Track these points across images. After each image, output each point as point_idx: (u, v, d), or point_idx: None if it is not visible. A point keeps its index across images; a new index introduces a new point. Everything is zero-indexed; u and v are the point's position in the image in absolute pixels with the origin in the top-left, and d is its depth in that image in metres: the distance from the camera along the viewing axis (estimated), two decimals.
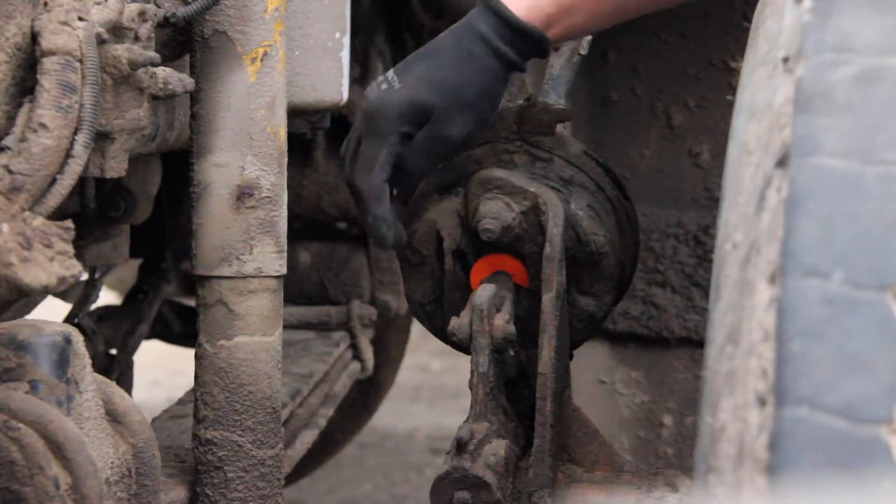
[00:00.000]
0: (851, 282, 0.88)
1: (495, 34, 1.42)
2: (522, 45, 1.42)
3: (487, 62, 1.42)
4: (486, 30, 1.42)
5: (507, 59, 1.42)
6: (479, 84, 1.42)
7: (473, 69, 1.42)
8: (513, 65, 1.43)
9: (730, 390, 0.90)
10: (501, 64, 1.42)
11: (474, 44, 1.42)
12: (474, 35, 1.42)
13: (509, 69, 1.43)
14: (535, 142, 1.53)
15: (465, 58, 1.42)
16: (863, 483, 0.82)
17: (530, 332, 1.46)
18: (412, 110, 1.42)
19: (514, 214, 1.46)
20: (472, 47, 1.42)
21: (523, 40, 1.42)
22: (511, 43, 1.42)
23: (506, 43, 1.42)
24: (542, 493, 1.41)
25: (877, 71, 0.96)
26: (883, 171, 0.92)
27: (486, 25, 1.42)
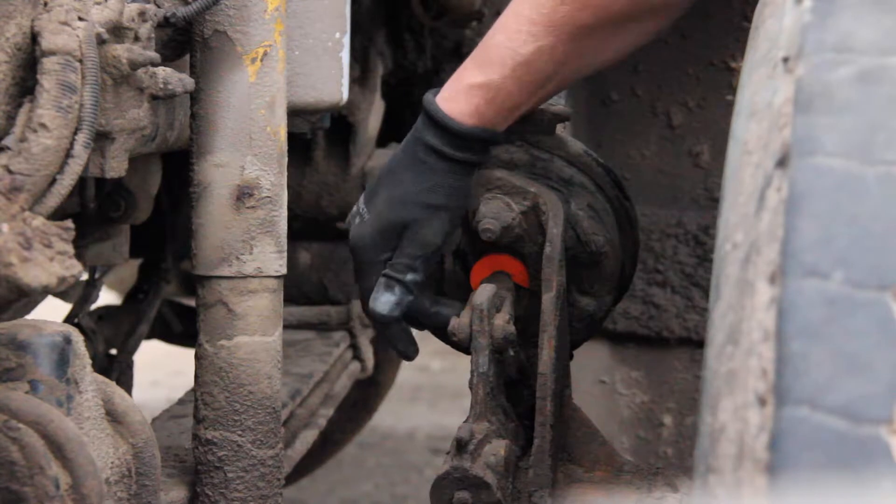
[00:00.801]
0: (851, 282, 0.88)
1: (444, 144, 1.43)
2: (474, 147, 1.43)
3: (444, 169, 1.43)
4: (434, 142, 1.43)
5: (463, 162, 1.44)
6: (442, 190, 1.44)
7: (433, 179, 1.44)
8: (471, 163, 1.44)
9: (730, 390, 0.90)
10: (459, 167, 1.44)
11: (427, 156, 1.44)
12: (425, 148, 1.44)
13: (468, 169, 1.45)
14: (535, 142, 1.53)
15: (422, 171, 1.44)
16: (863, 483, 0.82)
17: (530, 332, 1.46)
18: (384, 237, 1.45)
19: (514, 214, 1.46)
20: (426, 159, 1.44)
21: (473, 143, 1.43)
22: (462, 148, 1.43)
23: (456, 149, 1.43)
24: (542, 493, 1.41)
25: (877, 71, 0.96)
26: (883, 171, 0.92)
27: (433, 137, 1.43)
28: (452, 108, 1.42)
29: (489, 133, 1.43)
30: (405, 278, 1.45)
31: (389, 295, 1.45)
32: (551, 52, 1.40)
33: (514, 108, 1.44)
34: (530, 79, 1.41)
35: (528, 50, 1.39)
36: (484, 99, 1.42)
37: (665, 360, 2.03)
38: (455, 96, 1.43)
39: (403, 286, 1.45)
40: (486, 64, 1.42)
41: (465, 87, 1.42)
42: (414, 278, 1.45)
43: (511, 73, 1.40)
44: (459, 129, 1.42)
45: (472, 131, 1.42)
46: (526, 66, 1.40)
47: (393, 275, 1.45)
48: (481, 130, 1.42)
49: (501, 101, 1.42)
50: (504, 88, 1.41)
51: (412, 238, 1.45)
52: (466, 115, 1.42)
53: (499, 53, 1.41)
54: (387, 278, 1.45)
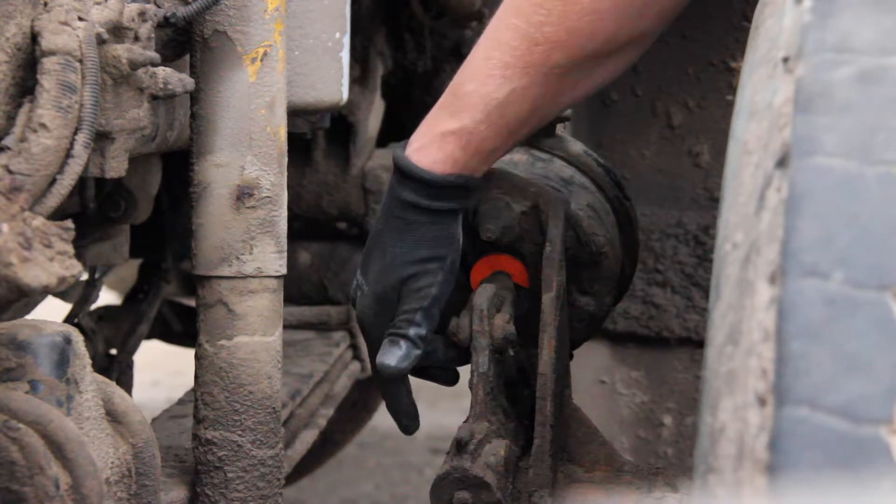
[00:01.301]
0: (851, 282, 0.88)
1: (421, 196, 1.39)
2: (452, 195, 1.40)
3: (424, 221, 1.41)
4: (411, 196, 1.40)
5: (445, 211, 1.41)
6: (427, 241, 1.41)
7: (415, 234, 1.41)
8: (453, 211, 1.41)
9: (730, 390, 0.90)
10: (440, 216, 1.41)
11: (405, 212, 1.41)
12: (402, 205, 1.40)
13: (452, 217, 1.42)
14: (535, 142, 1.53)
15: (405, 229, 1.41)
16: (863, 483, 0.82)
17: (530, 332, 1.46)
18: (384, 306, 1.44)
19: (514, 214, 1.46)
20: (405, 216, 1.41)
21: (450, 191, 1.40)
22: (439, 198, 1.40)
23: (434, 199, 1.39)
24: (542, 493, 1.41)
25: (877, 71, 0.96)
26: (883, 171, 0.92)
27: (408, 192, 1.40)
28: (424, 158, 1.39)
29: (465, 179, 1.39)
30: (408, 333, 1.42)
31: (395, 349, 1.42)
32: (525, 94, 1.36)
33: (491, 153, 1.40)
34: (505, 122, 1.37)
35: (502, 93, 1.36)
36: (458, 146, 1.38)
37: (665, 360, 2.03)
38: (427, 146, 1.39)
39: (408, 340, 1.42)
40: (459, 111, 1.38)
41: (438, 136, 1.39)
42: (417, 332, 1.42)
43: (485, 118, 1.37)
44: (434, 179, 1.38)
45: (447, 179, 1.38)
46: (500, 110, 1.36)
47: (396, 331, 1.43)
48: (456, 177, 1.39)
49: (476, 147, 1.38)
50: (478, 133, 1.37)
51: (408, 294, 1.42)
52: (440, 163, 1.38)
53: (471, 99, 1.37)
54: (390, 335, 1.43)
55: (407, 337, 1.42)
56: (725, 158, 1.08)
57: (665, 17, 1.39)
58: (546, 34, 1.34)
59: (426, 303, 1.42)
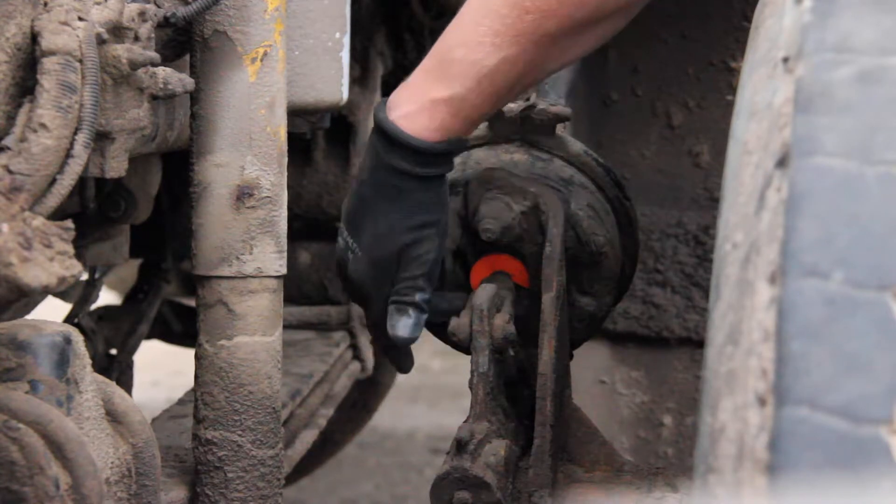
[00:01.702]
0: (851, 282, 0.88)
1: (414, 164, 1.40)
2: (444, 160, 1.42)
3: (416, 188, 1.42)
4: (401, 164, 1.40)
5: (433, 176, 1.42)
6: (423, 206, 1.42)
7: (409, 201, 1.42)
8: (443, 175, 1.43)
9: (730, 390, 0.90)
10: (430, 181, 1.42)
11: (398, 180, 1.41)
12: (393, 172, 1.41)
13: (442, 180, 1.44)
14: (535, 142, 1.53)
15: (398, 196, 1.42)
16: (863, 483, 0.82)
17: (530, 332, 1.46)
18: (381, 270, 1.45)
19: (514, 214, 1.46)
20: (397, 183, 1.41)
21: (443, 157, 1.41)
22: (432, 164, 1.41)
23: (428, 167, 1.41)
24: (542, 493, 1.41)
25: (877, 71, 0.96)
26: (883, 171, 0.92)
27: (399, 160, 1.40)
28: (414, 125, 1.39)
29: (454, 144, 1.41)
30: (415, 299, 1.44)
31: (406, 318, 1.44)
32: (515, 62, 1.37)
33: (479, 118, 1.42)
34: (494, 90, 1.38)
35: (492, 61, 1.37)
36: (449, 113, 1.39)
37: (665, 360, 2.04)
38: (417, 113, 1.39)
39: (416, 307, 1.44)
40: (449, 78, 1.38)
41: (428, 103, 1.39)
42: (423, 297, 1.44)
43: (476, 86, 1.37)
44: (426, 147, 1.39)
45: (438, 147, 1.40)
46: (490, 78, 1.37)
47: (402, 299, 1.44)
48: (447, 144, 1.40)
49: (467, 114, 1.39)
50: (469, 101, 1.38)
51: (408, 262, 1.44)
52: (431, 130, 1.39)
53: (461, 66, 1.38)
54: (396, 304, 1.44)
55: (414, 304, 1.44)
56: (725, 158, 1.08)
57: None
58: (536, 3, 1.35)
59: (427, 268, 1.44)
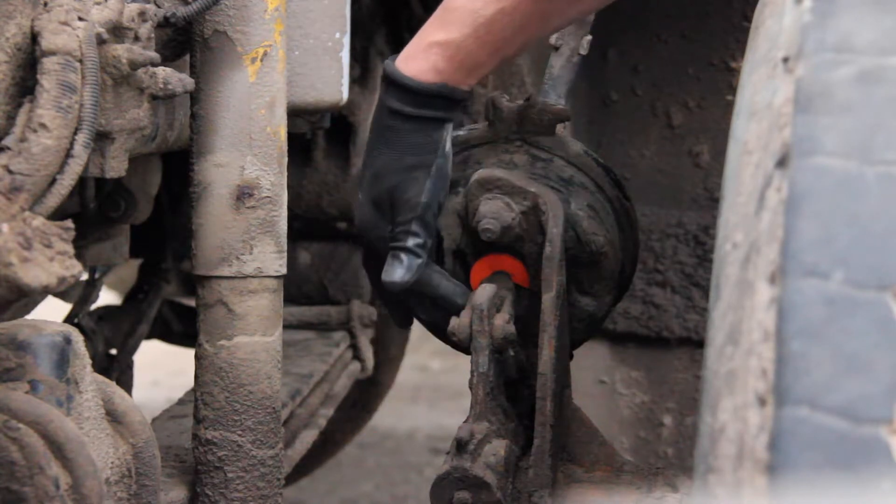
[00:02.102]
0: (851, 282, 0.88)
1: (405, 104, 1.43)
2: (436, 104, 1.43)
3: (410, 129, 1.44)
4: (395, 104, 1.43)
5: (427, 119, 1.44)
6: (413, 148, 1.44)
7: (403, 142, 1.44)
8: (437, 120, 1.44)
9: (730, 390, 0.90)
10: (424, 125, 1.44)
11: (392, 120, 1.44)
12: (389, 113, 1.44)
13: (436, 125, 1.45)
14: (535, 142, 1.53)
15: (389, 136, 1.45)
16: (863, 483, 0.82)
17: (530, 332, 1.46)
18: (378, 211, 1.47)
19: (514, 214, 1.46)
20: (391, 123, 1.44)
21: (434, 100, 1.43)
22: (423, 105, 1.43)
23: (418, 107, 1.43)
24: (542, 493, 1.41)
25: (877, 71, 0.96)
26: (883, 171, 0.92)
27: (394, 100, 1.44)
28: (411, 66, 1.43)
29: (449, 90, 1.43)
30: (407, 244, 1.45)
31: (398, 264, 1.46)
32: (513, 13, 1.39)
33: (476, 68, 1.43)
34: (491, 39, 1.41)
35: (489, 11, 1.39)
36: (443, 56, 1.42)
37: (665, 360, 2.04)
38: (414, 54, 1.43)
39: (408, 252, 1.46)
40: (447, 23, 1.42)
41: (425, 45, 1.43)
42: (416, 241, 1.45)
43: (472, 33, 1.40)
44: (418, 87, 1.42)
45: (430, 87, 1.42)
46: (487, 27, 1.40)
47: (395, 245, 1.46)
48: (440, 86, 1.42)
49: (461, 60, 1.42)
50: (464, 47, 1.41)
51: (399, 203, 1.46)
52: (424, 72, 1.42)
53: (460, 14, 1.41)
54: (391, 251, 1.47)
55: (406, 249, 1.45)
56: (725, 158, 1.08)
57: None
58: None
59: (419, 211, 1.45)
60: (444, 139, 1.46)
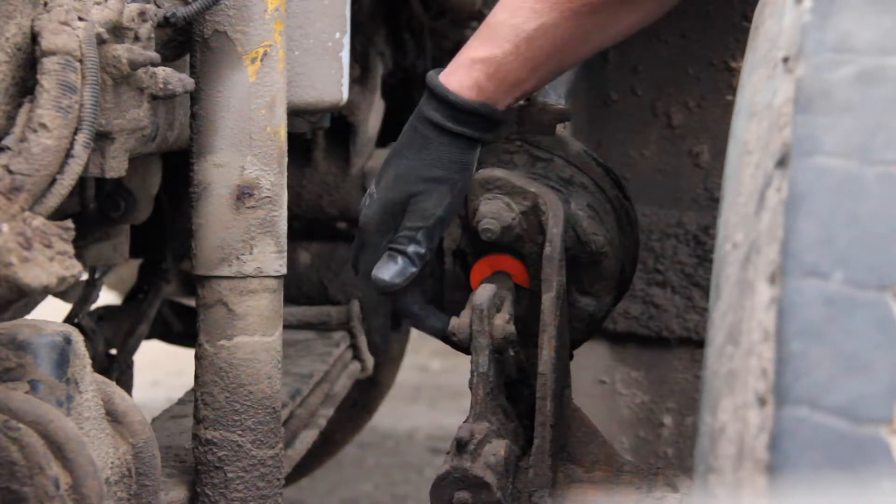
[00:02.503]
0: (851, 282, 0.88)
1: (444, 118, 1.44)
2: (474, 121, 1.44)
3: (444, 143, 1.45)
4: (435, 116, 1.45)
5: (463, 137, 1.45)
6: (442, 162, 1.45)
7: (433, 153, 1.45)
8: (472, 140, 1.45)
9: (730, 390, 0.90)
10: (458, 141, 1.45)
11: (428, 130, 1.45)
12: (426, 123, 1.46)
13: (470, 144, 1.46)
14: (535, 142, 1.53)
15: (422, 145, 1.46)
16: (863, 483, 0.82)
17: (530, 332, 1.46)
18: (389, 214, 1.47)
19: (514, 214, 1.46)
20: (427, 133, 1.45)
21: (472, 118, 1.44)
22: (461, 122, 1.44)
23: (456, 123, 1.44)
24: (542, 493, 1.41)
25: (877, 71, 0.96)
26: (883, 171, 0.92)
27: (434, 112, 1.45)
28: (452, 81, 1.44)
29: (488, 108, 1.44)
30: (407, 249, 1.46)
31: (392, 264, 1.46)
32: (554, 30, 1.41)
33: (516, 85, 1.44)
34: (532, 55, 1.42)
35: (531, 26, 1.41)
36: (485, 73, 1.43)
37: (665, 360, 2.03)
38: (456, 70, 1.45)
39: (406, 257, 1.46)
40: (489, 39, 1.43)
41: (467, 61, 1.44)
42: (416, 250, 1.46)
43: (513, 49, 1.42)
44: (458, 102, 1.43)
45: (470, 105, 1.43)
46: (528, 42, 1.41)
47: (395, 247, 1.47)
48: (480, 105, 1.44)
49: (503, 77, 1.43)
50: (506, 63, 1.42)
51: (413, 210, 1.46)
52: (466, 88, 1.43)
53: (501, 29, 1.42)
54: (390, 251, 1.47)
55: (405, 253, 1.46)
56: (725, 158, 1.08)
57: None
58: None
59: (430, 223, 1.46)
60: (473, 161, 1.47)
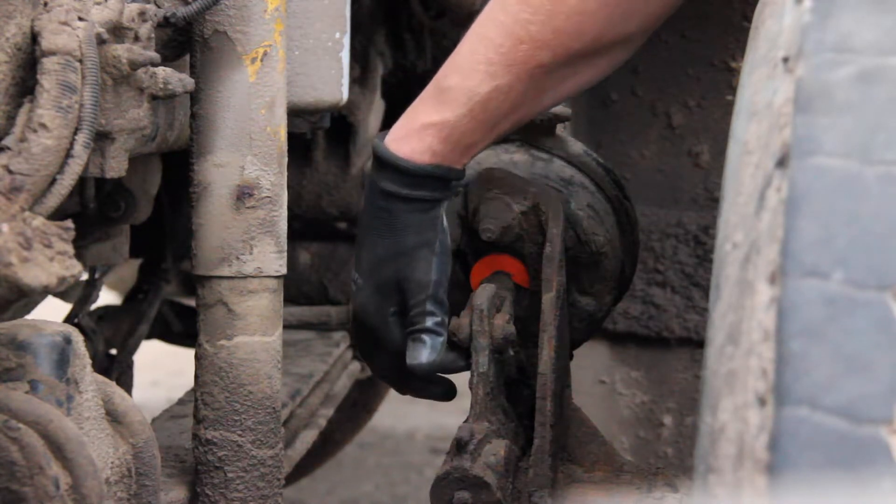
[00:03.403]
0: (851, 282, 0.88)
1: (400, 186, 1.40)
2: (432, 184, 1.41)
3: (405, 210, 1.41)
4: (390, 186, 1.41)
5: (423, 200, 1.41)
6: (411, 229, 1.42)
7: (399, 223, 1.42)
8: (434, 200, 1.42)
9: (730, 390, 0.90)
10: (420, 204, 1.42)
11: (387, 202, 1.41)
12: (382, 195, 1.42)
13: (434, 203, 1.42)
14: (535, 142, 1.53)
15: (386, 217, 1.42)
16: (863, 483, 0.82)
17: (530, 332, 1.46)
18: (382, 295, 1.45)
19: (514, 214, 1.46)
20: (387, 206, 1.42)
21: (429, 181, 1.41)
22: (419, 187, 1.41)
23: (413, 188, 1.40)
24: (542, 493, 1.41)
25: (877, 71, 0.96)
26: (883, 171, 0.92)
27: (388, 182, 1.41)
28: (404, 148, 1.40)
29: (444, 170, 1.40)
30: (426, 324, 1.43)
31: (421, 346, 1.43)
32: (508, 92, 1.37)
33: (470, 146, 1.41)
34: (486, 117, 1.38)
35: (485, 89, 1.37)
36: (437, 138, 1.39)
37: (665, 360, 2.03)
38: (408, 136, 1.40)
39: (429, 332, 1.43)
40: (442, 104, 1.39)
41: (419, 127, 1.40)
42: (434, 321, 1.43)
43: (467, 112, 1.38)
44: (413, 168, 1.39)
45: (425, 169, 1.39)
46: (483, 105, 1.37)
47: (415, 328, 1.43)
48: (435, 167, 1.40)
49: (457, 140, 1.39)
50: (459, 127, 1.38)
51: (408, 287, 1.43)
52: (418, 153, 1.39)
53: (454, 93, 1.38)
54: (411, 334, 1.44)
55: (427, 329, 1.43)
56: (725, 158, 1.08)
57: (652, 20, 1.39)
58: (531, 32, 1.34)
59: (430, 290, 1.43)
60: (441, 216, 1.43)
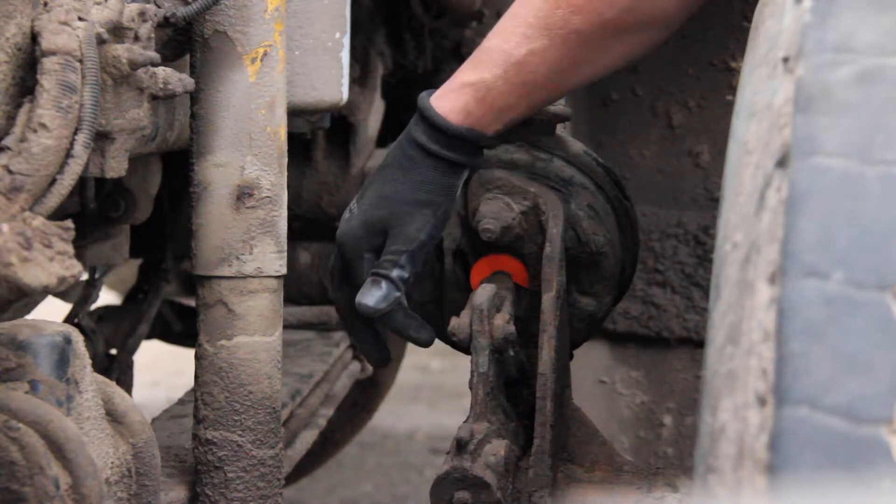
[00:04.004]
0: (851, 282, 0.88)
1: (430, 140, 1.44)
2: (460, 146, 1.44)
3: (430, 166, 1.45)
4: (422, 138, 1.45)
5: (447, 161, 1.45)
6: (427, 185, 1.45)
7: (418, 176, 1.45)
8: (457, 164, 1.45)
9: (730, 390, 0.90)
10: (444, 165, 1.45)
11: (415, 152, 1.45)
12: (413, 145, 1.45)
13: (455, 168, 1.46)
14: (535, 142, 1.53)
15: (408, 166, 1.45)
16: (863, 483, 0.82)
17: (530, 332, 1.46)
18: (368, 232, 1.47)
19: (514, 214, 1.46)
20: (413, 155, 1.45)
21: (460, 142, 1.44)
22: (448, 147, 1.44)
23: (443, 147, 1.44)
24: (542, 493, 1.41)
25: (877, 71, 0.96)
26: (883, 171, 0.92)
27: (422, 134, 1.45)
28: (442, 105, 1.44)
29: (476, 134, 1.44)
30: (391, 274, 1.45)
31: (376, 289, 1.45)
32: (543, 56, 1.41)
33: (504, 110, 1.44)
34: (521, 81, 1.42)
35: (521, 52, 1.41)
36: (474, 97, 1.43)
37: (665, 360, 2.03)
38: (446, 94, 1.45)
39: (389, 282, 1.45)
40: (480, 63, 1.44)
41: (457, 86, 1.44)
42: (399, 274, 1.45)
43: (503, 74, 1.42)
44: (446, 127, 1.43)
45: (458, 130, 1.43)
46: (518, 68, 1.42)
47: (379, 271, 1.46)
48: (467, 130, 1.43)
49: (491, 101, 1.43)
50: (495, 88, 1.42)
51: (396, 234, 1.46)
52: (455, 112, 1.43)
53: (492, 54, 1.43)
54: (373, 276, 1.46)
55: (389, 278, 1.45)
56: (725, 158, 1.08)
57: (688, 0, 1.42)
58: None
59: (413, 246, 1.45)
60: (458, 185, 1.47)
